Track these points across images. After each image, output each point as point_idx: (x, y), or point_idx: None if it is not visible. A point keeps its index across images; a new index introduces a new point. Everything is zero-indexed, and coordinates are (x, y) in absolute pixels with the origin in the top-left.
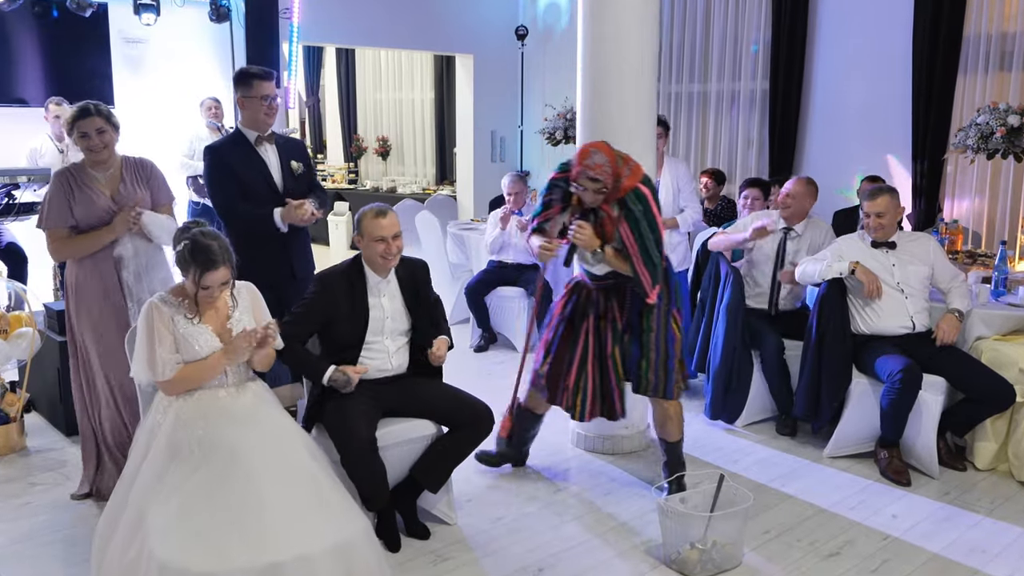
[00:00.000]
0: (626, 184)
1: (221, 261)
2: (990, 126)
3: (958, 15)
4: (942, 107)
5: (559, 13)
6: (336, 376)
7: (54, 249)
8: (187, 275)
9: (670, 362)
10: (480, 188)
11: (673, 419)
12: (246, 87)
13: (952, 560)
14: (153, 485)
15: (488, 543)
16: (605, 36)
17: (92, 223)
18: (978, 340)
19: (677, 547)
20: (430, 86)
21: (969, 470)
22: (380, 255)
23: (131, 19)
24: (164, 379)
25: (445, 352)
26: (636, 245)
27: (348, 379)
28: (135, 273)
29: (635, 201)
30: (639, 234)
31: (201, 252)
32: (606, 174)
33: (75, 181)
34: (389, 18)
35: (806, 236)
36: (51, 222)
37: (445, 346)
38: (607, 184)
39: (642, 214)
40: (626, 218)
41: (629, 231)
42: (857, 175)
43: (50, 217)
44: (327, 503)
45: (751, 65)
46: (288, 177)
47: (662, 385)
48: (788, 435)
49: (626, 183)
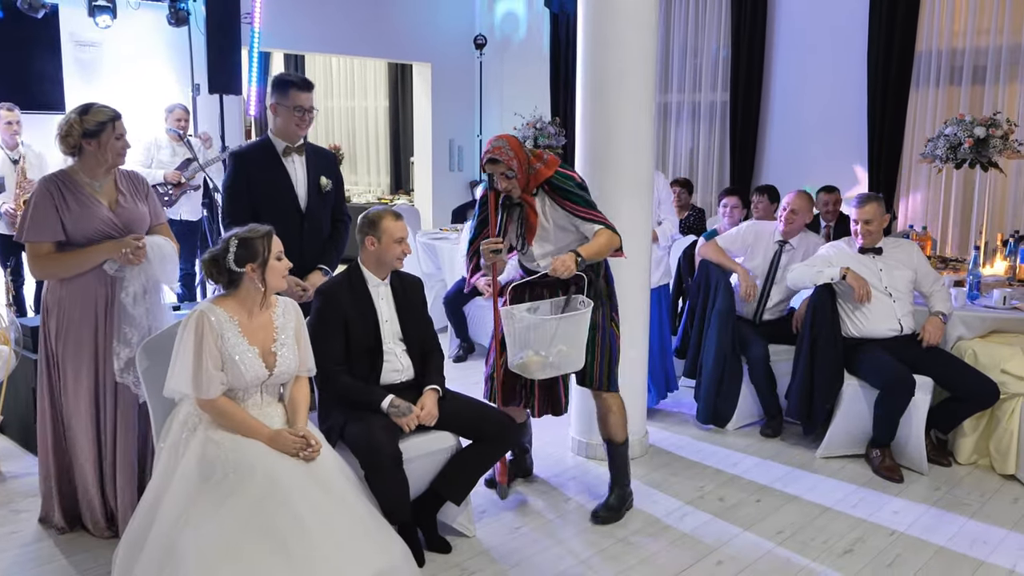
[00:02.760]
0: (543, 170)
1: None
2: (958, 137)
3: (910, 31)
4: (896, 119)
5: (516, 23)
6: (397, 402)
7: (37, 265)
8: (248, 268)
9: (613, 356)
10: (439, 197)
11: (616, 412)
12: (281, 94)
13: (958, 552)
14: (184, 510)
15: (511, 554)
16: (607, 41)
17: (89, 236)
18: (959, 341)
19: (520, 354)
20: (384, 94)
21: (952, 465)
22: (397, 256)
23: (83, 21)
24: (208, 397)
25: (433, 409)
26: (583, 207)
27: (409, 406)
28: (135, 295)
29: (561, 179)
30: (583, 200)
31: (253, 234)
32: (507, 156)
33: (66, 189)
34: (348, 26)
35: (800, 248)
36: (34, 234)
37: (433, 403)
38: (509, 165)
39: (575, 186)
40: (561, 195)
41: (571, 203)
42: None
43: (33, 228)
44: (366, 526)
45: (711, 76)
46: (313, 194)
47: (605, 379)
48: (771, 436)
49: (542, 170)
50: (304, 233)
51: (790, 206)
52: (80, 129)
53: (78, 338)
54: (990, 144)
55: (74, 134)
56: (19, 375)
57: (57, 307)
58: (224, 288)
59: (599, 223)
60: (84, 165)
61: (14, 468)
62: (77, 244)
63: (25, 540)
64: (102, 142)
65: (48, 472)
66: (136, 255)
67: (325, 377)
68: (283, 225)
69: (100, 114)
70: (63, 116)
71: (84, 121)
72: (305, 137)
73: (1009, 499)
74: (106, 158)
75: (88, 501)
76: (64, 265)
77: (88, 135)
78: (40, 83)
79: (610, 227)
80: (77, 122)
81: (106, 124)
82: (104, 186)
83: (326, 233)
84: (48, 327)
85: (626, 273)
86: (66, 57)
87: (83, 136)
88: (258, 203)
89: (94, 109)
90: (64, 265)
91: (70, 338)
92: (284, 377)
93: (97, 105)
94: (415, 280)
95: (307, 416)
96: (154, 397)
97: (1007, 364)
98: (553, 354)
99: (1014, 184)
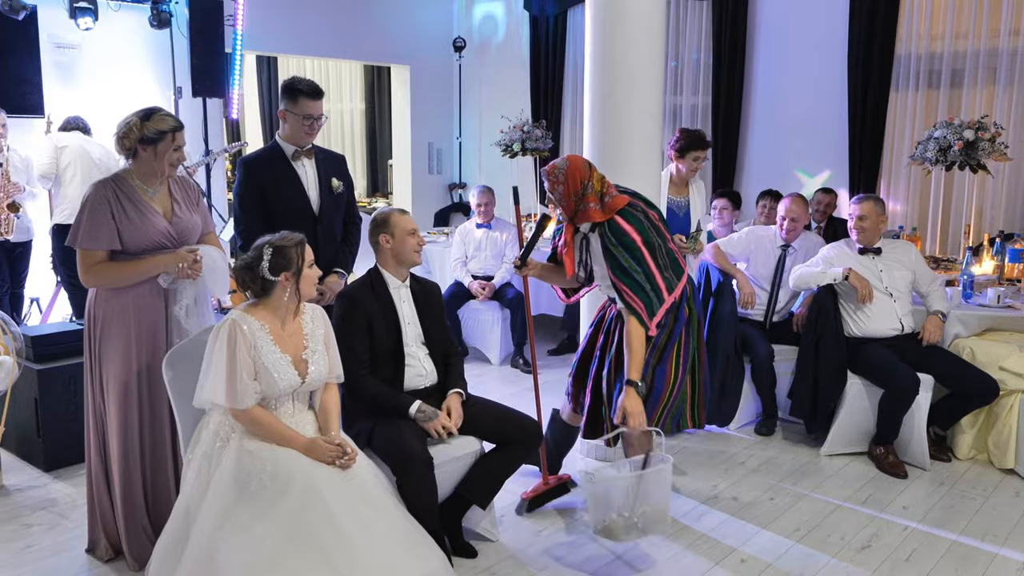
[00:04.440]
0: (593, 212)
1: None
2: (947, 139)
3: (890, 35)
4: (876, 122)
5: (495, 26)
6: (424, 408)
7: (89, 274)
8: (282, 276)
9: (654, 397)
10: (419, 200)
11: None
12: (291, 102)
13: (971, 545)
14: (223, 521)
15: (537, 558)
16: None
17: (144, 246)
18: (956, 339)
19: (603, 516)
20: (360, 97)
21: (952, 460)
22: (414, 248)
23: (62, 23)
24: (243, 408)
25: (459, 414)
26: (616, 275)
27: (435, 411)
28: (187, 308)
29: (612, 233)
30: (619, 267)
31: (287, 242)
32: (554, 178)
33: (123, 195)
34: (327, 29)
35: (801, 250)
36: (88, 241)
37: (459, 407)
38: (554, 187)
39: (622, 247)
40: (603, 249)
41: (608, 264)
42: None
43: (87, 235)
44: (404, 533)
45: (692, 80)
46: (326, 196)
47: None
48: (766, 434)
49: (592, 211)
50: (318, 236)
51: (788, 215)
52: (139, 134)
53: (126, 351)
54: (979, 147)
55: (132, 137)
56: (19, 386)
57: (104, 319)
58: (255, 296)
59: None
60: (139, 170)
61: (15, 481)
62: (130, 253)
63: (43, 554)
64: (159, 151)
65: (96, 493)
66: (193, 269)
67: (353, 382)
68: (297, 229)
69: (162, 122)
70: (124, 117)
71: (145, 127)
72: None
73: (1011, 492)
74: (161, 168)
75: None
76: (118, 275)
77: (145, 141)
78: (19, 86)
79: (636, 313)
80: (137, 126)
81: (166, 134)
82: (159, 193)
83: (339, 236)
84: (93, 343)
85: None
86: (45, 60)
87: (140, 141)
88: (271, 208)
89: (157, 116)
90: (118, 275)
91: (118, 350)
92: (316, 384)
93: (161, 112)
94: (433, 284)
95: (339, 423)
96: (181, 407)
97: (1005, 362)
98: (637, 515)
99: (992, 185)
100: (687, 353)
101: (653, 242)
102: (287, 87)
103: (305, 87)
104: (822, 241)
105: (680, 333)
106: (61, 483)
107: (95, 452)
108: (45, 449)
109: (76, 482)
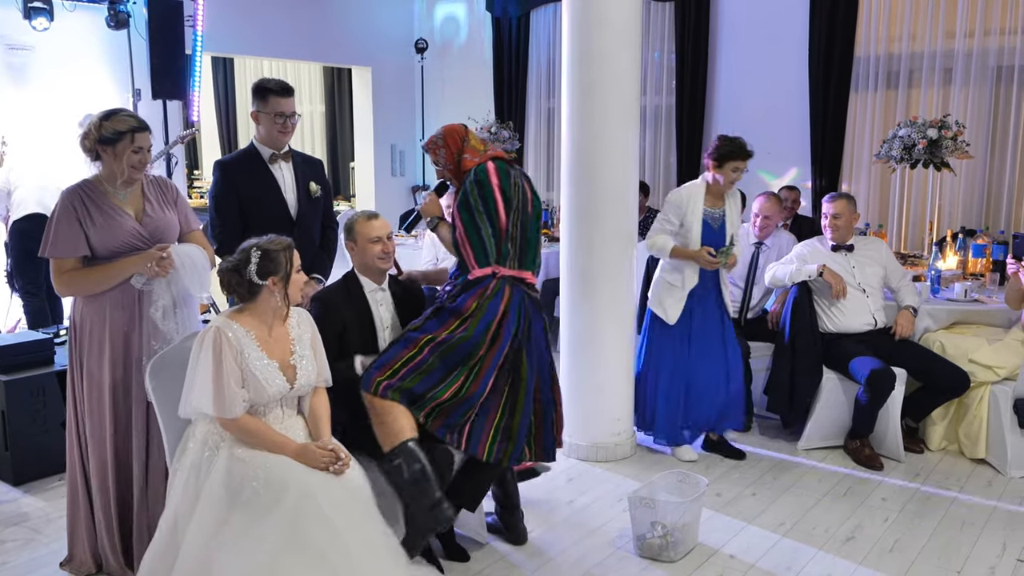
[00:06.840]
0: (467, 162)
1: None
2: (911, 138)
3: (849, 37)
4: (837, 121)
5: (457, 27)
6: (365, 361)
7: (61, 282)
8: (270, 281)
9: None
10: (382, 202)
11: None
12: (261, 101)
13: (951, 535)
14: (215, 531)
15: (529, 560)
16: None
17: (115, 249)
18: (926, 333)
19: (644, 535)
20: (320, 99)
21: (924, 452)
22: (378, 256)
23: (14, 24)
24: (232, 417)
25: None
26: (459, 217)
27: None
28: (164, 309)
29: (471, 176)
30: (463, 205)
31: (275, 246)
32: (436, 145)
33: (90, 201)
34: (287, 30)
35: (774, 248)
36: (58, 249)
37: None
38: (436, 154)
39: (471, 183)
40: (457, 194)
41: (456, 212)
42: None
43: (56, 244)
44: (387, 539)
45: (656, 81)
46: (304, 200)
47: None
48: (742, 431)
49: (467, 161)
50: (296, 241)
51: (762, 213)
52: (96, 135)
53: (100, 355)
54: (942, 145)
55: (91, 138)
56: None
57: (83, 325)
58: (241, 300)
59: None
60: (104, 172)
61: None
62: (103, 258)
63: (18, 571)
64: (118, 152)
65: (75, 505)
66: (162, 267)
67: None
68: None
69: (121, 122)
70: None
71: (103, 127)
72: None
73: (983, 482)
74: (121, 169)
75: (107, 536)
76: (89, 281)
77: (104, 141)
78: None
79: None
80: (96, 126)
81: (124, 134)
82: (130, 195)
83: (317, 241)
84: (74, 345)
85: (608, 283)
86: None
87: (99, 142)
88: (247, 211)
89: (117, 117)
90: (89, 281)
91: (94, 355)
92: (304, 389)
93: (123, 113)
94: (417, 288)
95: (330, 427)
96: (165, 417)
97: (974, 354)
98: (673, 535)
99: (951, 182)
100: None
101: (512, 199)
102: (257, 88)
103: (274, 85)
104: (794, 239)
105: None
106: (32, 497)
107: (76, 463)
108: (13, 462)
109: (48, 496)
